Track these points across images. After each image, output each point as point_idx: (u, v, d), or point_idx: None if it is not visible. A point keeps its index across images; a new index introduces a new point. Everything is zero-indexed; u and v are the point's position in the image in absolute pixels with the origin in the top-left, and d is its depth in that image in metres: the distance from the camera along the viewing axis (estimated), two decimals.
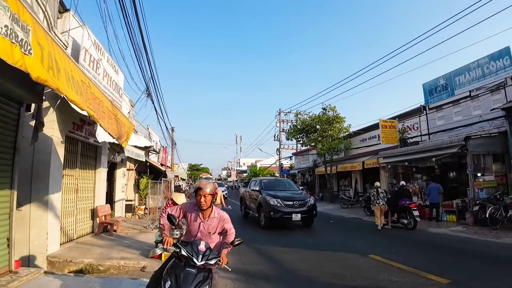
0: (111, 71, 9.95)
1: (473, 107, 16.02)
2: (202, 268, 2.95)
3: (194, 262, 2.89)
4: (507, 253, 7.82)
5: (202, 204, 3.24)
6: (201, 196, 3.23)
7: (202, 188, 3.23)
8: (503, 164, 14.00)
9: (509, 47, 13.73)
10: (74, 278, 5.59)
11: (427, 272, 6.06)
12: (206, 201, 3.25)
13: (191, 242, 3.07)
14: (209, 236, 3.34)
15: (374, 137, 22.52)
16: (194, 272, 2.89)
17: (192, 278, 2.85)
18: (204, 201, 3.24)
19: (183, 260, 2.98)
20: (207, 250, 3.01)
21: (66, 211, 7.88)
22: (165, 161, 29.09)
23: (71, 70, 3.95)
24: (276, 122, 34.61)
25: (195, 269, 2.91)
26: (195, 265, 2.90)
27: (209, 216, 3.34)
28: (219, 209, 3.52)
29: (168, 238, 3.12)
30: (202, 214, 3.33)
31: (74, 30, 7.71)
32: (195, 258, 2.91)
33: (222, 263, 3.11)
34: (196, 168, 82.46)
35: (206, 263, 2.96)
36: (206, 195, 3.24)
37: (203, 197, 3.23)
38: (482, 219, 11.51)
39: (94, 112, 4.76)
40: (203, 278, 2.92)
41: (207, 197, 3.25)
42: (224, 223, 3.40)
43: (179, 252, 2.96)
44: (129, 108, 13.90)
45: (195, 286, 2.83)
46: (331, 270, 6.46)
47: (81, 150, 8.73)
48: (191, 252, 2.94)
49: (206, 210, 3.32)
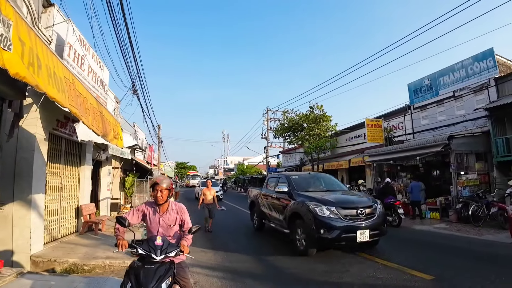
0: (96, 67, 9.78)
1: (456, 107, 16.36)
2: (162, 263, 2.95)
3: (154, 258, 2.89)
4: (489, 250, 8.01)
5: (159, 198, 3.31)
6: (158, 191, 3.30)
7: (159, 183, 3.30)
8: (486, 163, 14.37)
9: (492, 49, 14.08)
10: (58, 278, 5.50)
11: (411, 269, 6.17)
12: (163, 196, 3.32)
13: (147, 239, 3.09)
14: (170, 229, 3.41)
15: (360, 136, 22.79)
16: (154, 267, 2.88)
17: (153, 274, 2.83)
18: (161, 196, 3.31)
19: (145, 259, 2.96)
20: (164, 243, 3.01)
21: (49, 210, 7.72)
22: (151, 159, 28.83)
23: (54, 66, 3.87)
24: (264, 121, 34.64)
25: (154, 264, 2.90)
26: (155, 260, 2.90)
27: (167, 209, 3.43)
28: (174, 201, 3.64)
29: (123, 241, 3.05)
30: (159, 209, 3.41)
31: (59, 25, 7.55)
32: (153, 254, 2.90)
33: (184, 252, 3.15)
34: (183, 166, 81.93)
35: (166, 257, 2.96)
36: (163, 189, 3.31)
37: (159, 192, 3.30)
38: (465, 216, 11.77)
39: (76, 109, 4.68)
40: (164, 271, 2.91)
41: (164, 192, 3.32)
42: (182, 214, 3.49)
43: (135, 252, 2.95)
44: (114, 105, 13.70)
45: (157, 280, 2.81)
46: (318, 268, 6.50)
47: (65, 147, 8.56)
48: (148, 249, 2.93)
49: (163, 205, 3.39)
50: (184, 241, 3.31)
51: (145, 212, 3.44)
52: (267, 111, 34.21)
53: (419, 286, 5.31)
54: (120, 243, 3.04)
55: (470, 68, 14.94)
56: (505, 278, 5.51)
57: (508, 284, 5.23)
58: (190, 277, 3.54)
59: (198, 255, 7.63)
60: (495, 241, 8.97)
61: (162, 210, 3.42)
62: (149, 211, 3.43)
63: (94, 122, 6.21)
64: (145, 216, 3.44)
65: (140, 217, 3.45)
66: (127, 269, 3.01)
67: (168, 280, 2.92)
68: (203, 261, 7.16)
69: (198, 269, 6.45)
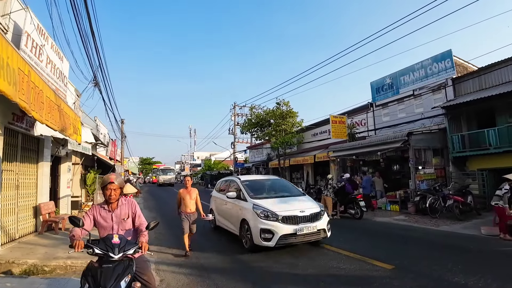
0: (55, 58, 9.32)
1: (416, 105, 17.11)
2: (120, 261, 2.89)
3: (112, 257, 2.83)
4: (446, 240, 8.48)
5: (112, 197, 3.38)
6: (111, 190, 3.36)
7: (113, 181, 3.35)
8: (442, 158, 15.20)
9: (450, 50, 14.88)
10: (17, 280, 5.25)
11: (373, 259, 6.44)
12: (116, 194, 3.40)
13: (103, 238, 3.00)
14: (125, 222, 3.46)
15: (325, 132, 23.30)
16: (112, 266, 2.81)
17: (111, 273, 2.76)
18: (114, 194, 3.38)
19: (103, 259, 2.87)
20: (121, 241, 2.95)
21: (6, 209, 7.29)
22: (114, 154, 27.97)
23: (8, 57, 3.67)
24: (231, 116, 34.50)
25: (112, 263, 2.83)
26: (113, 259, 2.83)
27: (118, 205, 3.48)
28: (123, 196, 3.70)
29: (78, 241, 2.91)
30: (110, 207, 3.45)
31: (16, 13, 7.11)
32: (110, 252, 2.84)
33: (144, 249, 3.11)
34: (148, 162, 79.88)
35: (124, 255, 2.91)
36: (116, 188, 3.38)
37: (112, 190, 3.37)
38: (422, 208, 12.41)
39: (26, 103, 4.46)
40: (123, 269, 2.85)
41: (117, 191, 3.40)
42: (133, 207, 3.57)
43: (92, 252, 2.87)
44: (74, 98, 13.12)
45: (115, 279, 2.74)
46: (284, 260, 6.63)
47: (21, 143, 8.11)
48: (105, 248, 2.86)
49: (114, 203, 3.45)
50: (142, 237, 3.27)
51: (96, 213, 3.43)
52: (234, 106, 34.10)
53: (380, 275, 5.56)
54: (75, 244, 2.89)
55: (429, 68, 15.71)
56: (461, 266, 5.86)
57: (464, 272, 5.55)
58: (151, 272, 3.56)
59: (164, 253, 7.54)
60: (451, 231, 9.49)
61: (113, 207, 3.46)
62: (99, 211, 3.44)
63: (50, 117, 5.94)
64: (96, 218, 3.42)
65: (92, 221, 3.40)
66: (84, 270, 2.92)
67: (127, 277, 2.86)
68: (169, 259, 7.08)
69: (164, 267, 6.38)
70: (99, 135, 19.88)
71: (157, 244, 8.33)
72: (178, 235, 8.15)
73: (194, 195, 7.44)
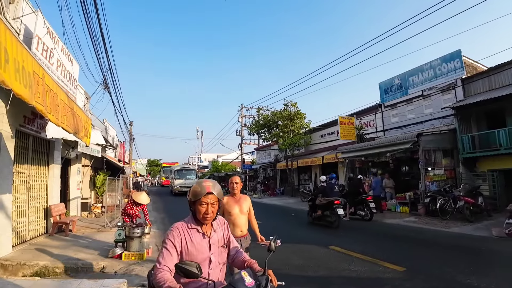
0: (66, 61, 9.42)
1: (425, 105, 16.96)
2: None
3: None
4: (456, 242, 8.37)
5: (209, 216, 2.20)
6: (207, 205, 2.19)
7: (211, 191, 2.18)
8: (452, 159, 15.02)
9: (459, 50, 14.74)
10: (29, 282, 5.27)
11: (384, 261, 6.37)
12: (214, 211, 2.23)
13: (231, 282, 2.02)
14: (223, 253, 2.38)
15: (333, 133, 23.20)
16: None
17: None
18: (212, 212, 2.21)
19: None
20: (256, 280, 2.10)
21: (17, 211, 7.38)
22: (122, 156, 28.17)
23: (23, 60, 3.70)
24: (239, 117, 34.58)
25: None
26: None
27: (212, 227, 2.34)
28: None
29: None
30: (204, 228, 2.29)
31: (27, 16, 7.19)
32: None
33: (274, 282, 2.25)
34: (155, 163, 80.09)
35: None
36: (215, 202, 2.22)
37: (210, 205, 2.19)
38: (433, 210, 12.26)
39: (42, 106, 4.50)
40: None
41: (215, 206, 2.23)
42: (227, 227, 2.50)
43: None
44: (84, 100, 13.25)
45: None
46: (294, 262, 6.59)
47: (32, 145, 8.21)
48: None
49: (208, 224, 2.31)
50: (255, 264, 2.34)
51: (184, 238, 2.19)
52: (241, 108, 34.18)
53: (392, 277, 5.50)
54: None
55: (438, 69, 15.57)
56: (473, 268, 5.79)
57: (476, 273, 5.48)
58: None
59: None
60: (462, 233, 9.38)
61: (207, 229, 2.31)
62: (190, 235, 2.21)
63: (64, 119, 6.00)
64: (184, 245, 2.18)
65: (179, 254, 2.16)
66: None
67: None
68: None
69: None
70: (108, 137, 20.02)
71: None
72: None
73: (246, 206, 4.37)
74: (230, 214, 4.17)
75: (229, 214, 4.16)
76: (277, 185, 30.58)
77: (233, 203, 4.24)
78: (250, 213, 4.47)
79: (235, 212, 4.18)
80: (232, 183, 4.33)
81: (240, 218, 4.21)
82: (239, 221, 4.19)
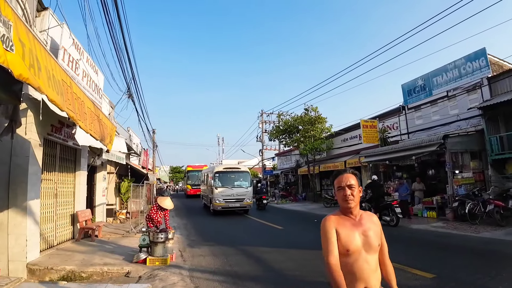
0: (91, 72, 9.69)
1: (450, 106, 16.48)
2: None
3: None
4: (487, 247, 8.03)
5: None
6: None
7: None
8: (480, 161, 14.48)
9: (484, 49, 14.22)
10: (56, 286, 5.40)
11: (412, 268, 6.18)
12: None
13: None
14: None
15: (355, 137, 22.85)
16: None
17: None
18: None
19: None
20: None
21: (45, 216, 7.61)
22: (146, 163, 28.67)
23: (52, 69, 3.81)
24: (259, 123, 34.66)
25: None
26: None
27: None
28: None
29: None
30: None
31: (52, 29, 7.47)
32: None
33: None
34: (177, 170, 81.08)
35: None
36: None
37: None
38: (461, 214, 11.83)
39: (73, 113, 4.60)
40: None
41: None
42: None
43: None
44: (109, 109, 13.59)
45: None
46: (317, 268, 6.46)
47: (59, 153, 8.47)
48: None
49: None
50: None
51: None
52: (261, 114, 34.24)
53: (421, 284, 5.32)
54: None
55: (463, 68, 15.07)
56: (505, 274, 5.53)
57: (509, 280, 5.24)
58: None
59: (197, 260, 7.57)
60: (492, 238, 9.00)
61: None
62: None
63: (92, 126, 6.13)
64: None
65: None
66: None
67: None
68: (202, 266, 7.09)
69: (198, 274, 6.39)
70: (132, 145, 20.42)
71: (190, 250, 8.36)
72: None
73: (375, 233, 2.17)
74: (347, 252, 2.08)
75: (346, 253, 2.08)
76: (299, 191, 30.36)
77: (352, 229, 2.13)
78: (383, 248, 2.31)
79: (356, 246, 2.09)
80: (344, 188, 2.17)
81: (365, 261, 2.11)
82: (363, 266, 2.10)
